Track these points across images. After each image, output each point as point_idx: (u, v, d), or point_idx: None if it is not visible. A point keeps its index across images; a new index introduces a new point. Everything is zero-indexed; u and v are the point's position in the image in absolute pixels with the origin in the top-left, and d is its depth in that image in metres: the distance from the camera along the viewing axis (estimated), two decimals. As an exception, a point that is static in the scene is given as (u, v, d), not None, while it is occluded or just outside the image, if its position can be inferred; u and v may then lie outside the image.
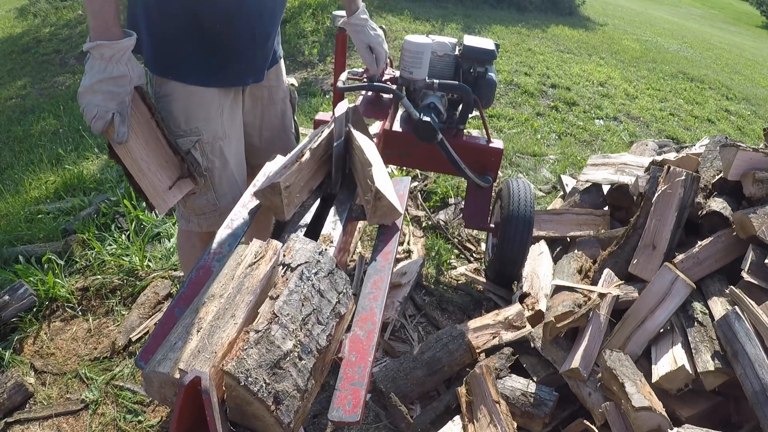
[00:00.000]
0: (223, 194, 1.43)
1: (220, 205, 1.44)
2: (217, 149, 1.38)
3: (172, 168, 1.27)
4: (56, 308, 2.07)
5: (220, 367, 0.71)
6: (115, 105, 1.09)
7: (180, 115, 1.32)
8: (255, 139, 1.60)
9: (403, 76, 1.88)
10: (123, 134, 1.11)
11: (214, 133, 1.36)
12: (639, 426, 1.40)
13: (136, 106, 1.17)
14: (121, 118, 1.10)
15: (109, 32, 1.07)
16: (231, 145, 1.42)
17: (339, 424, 0.78)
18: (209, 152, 1.36)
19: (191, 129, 1.33)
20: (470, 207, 2.17)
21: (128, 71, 1.11)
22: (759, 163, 1.76)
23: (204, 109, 1.33)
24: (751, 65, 8.30)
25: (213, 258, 1.08)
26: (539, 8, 9.03)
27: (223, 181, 1.42)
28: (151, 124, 1.21)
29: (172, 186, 1.26)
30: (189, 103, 1.31)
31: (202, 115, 1.33)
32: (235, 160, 1.45)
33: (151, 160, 1.21)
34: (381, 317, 0.95)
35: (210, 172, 1.38)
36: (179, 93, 1.30)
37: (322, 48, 5.37)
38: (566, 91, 5.02)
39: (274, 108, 1.59)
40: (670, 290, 1.61)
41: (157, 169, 1.22)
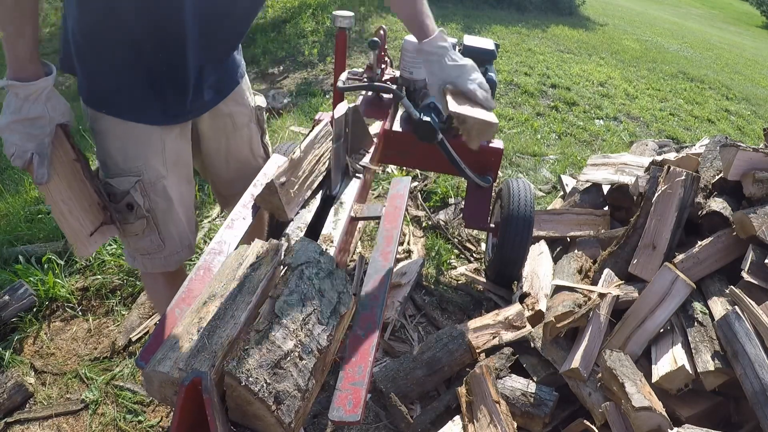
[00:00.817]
0: (168, 236, 1.32)
1: (166, 247, 1.33)
2: (160, 189, 1.27)
3: (95, 213, 1.19)
4: (56, 308, 2.07)
5: (220, 366, 0.71)
6: (33, 146, 1.02)
7: (117, 154, 1.21)
8: (222, 171, 1.50)
9: (403, 76, 1.88)
10: (42, 176, 1.04)
11: (156, 172, 1.25)
12: (639, 426, 1.40)
13: (60, 145, 1.10)
14: (40, 159, 1.03)
15: (25, 71, 0.99)
16: (175, 183, 1.30)
17: (339, 423, 0.78)
18: (151, 192, 1.25)
19: (130, 168, 1.22)
20: (470, 207, 2.17)
21: (46, 112, 1.03)
22: (759, 163, 1.76)
23: (143, 147, 1.22)
24: (751, 65, 8.30)
25: (213, 258, 1.08)
26: (539, 8, 9.03)
27: (168, 223, 1.31)
28: (75, 167, 1.14)
29: (95, 232, 1.18)
30: (126, 140, 1.21)
31: (141, 154, 1.22)
32: (181, 199, 1.33)
33: (74, 203, 1.14)
34: (381, 317, 0.95)
35: (153, 213, 1.27)
36: (116, 129, 1.20)
37: (322, 48, 5.37)
38: (566, 91, 5.02)
39: (239, 135, 1.47)
40: (670, 290, 1.61)
41: (79, 213, 1.15)
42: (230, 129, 1.44)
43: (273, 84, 4.66)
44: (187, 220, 1.37)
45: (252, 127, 1.50)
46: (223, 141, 1.44)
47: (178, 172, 1.31)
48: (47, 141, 1.04)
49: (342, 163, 1.39)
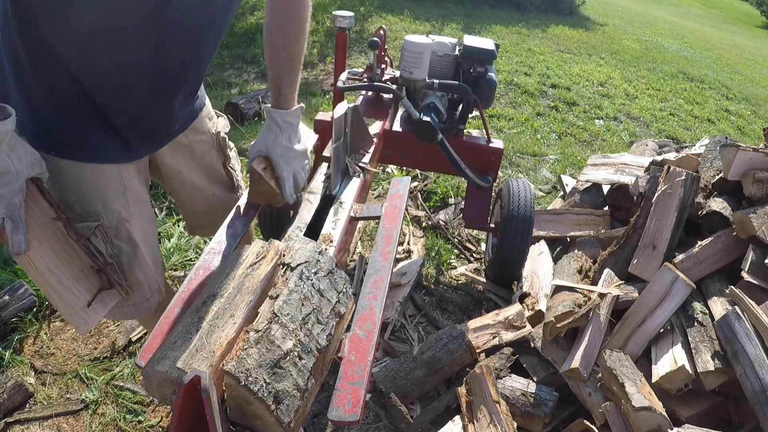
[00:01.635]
0: (135, 283, 1.20)
1: (134, 295, 1.21)
2: (123, 233, 1.15)
3: (90, 278, 1.04)
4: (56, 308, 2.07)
5: (219, 366, 0.71)
6: (2, 209, 0.84)
7: (72, 197, 1.08)
8: (187, 202, 1.41)
9: (403, 76, 1.88)
10: (19, 244, 0.87)
11: (117, 215, 1.13)
12: (639, 426, 1.40)
13: (35, 204, 0.93)
14: (14, 224, 0.86)
15: None
16: (138, 225, 1.19)
17: (339, 423, 0.78)
18: (113, 237, 1.13)
19: (88, 213, 1.09)
20: (470, 207, 2.17)
21: (11, 165, 0.84)
22: (759, 163, 1.76)
23: (101, 190, 1.10)
24: (751, 65, 8.30)
25: (213, 258, 1.08)
26: (539, 8, 9.03)
27: (134, 269, 1.19)
28: (57, 226, 0.97)
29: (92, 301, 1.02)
30: (81, 183, 1.07)
31: (99, 197, 1.10)
32: (145, 239, 1.22)
33: (62, 270, 0.97)
34: (381, 317, 0.95)
35: (117, 259, 1.14)
36: (68, 171, 1.05)
37: (322, 48, 5.37)
38: (566, 91, 5.02)
39: (198, 164, 1.36)
40: (670, 290, 1.61)
41: (71, 281, 0.98)
42: (189, 160, 1.33)
43: (273, 84, 4.65)
44: (154, 262, 1.26)
45: (212, 154, 1.39)
46: (185, 172, 1.34)
47: (140, 212, 1.20)
48: (18, 200, 0.87)
49: (342, 163, 1.39)
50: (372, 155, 1.58)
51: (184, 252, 2.34)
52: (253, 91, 4.19)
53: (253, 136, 3.45)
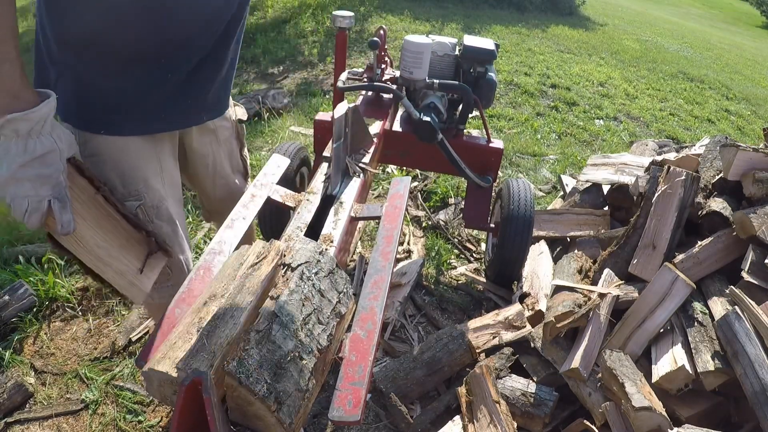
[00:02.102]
0: (175, 263, 1.22)
1: (174, 275, 1.24)
2: (164, 212, 1.17)
3: (136, 246, 1.06)
4: (56, 308, 2.07)
5: (220, 366, 0.71)
6: (48, 190, 0.85)
7: (115, 177, 1.10)
8: (209, 187, 1.44)
9: (403, 76, 1.88)
10: (68, 223, 0.87)
11: (158, 193, 1.15)
12: (639, 426, 1.40)
13: (75, 183, 0.95)
14: (61, 204, 0.86)
15: (20, 99, 0.81)
16: (174, 205, 1.22)
17: (339, 423, 0.78)
18: (155, 217, 1.15)
19: (130, 192, 1.11)
20: (470, 207, 2.17)
21: (56, 144, 0.86)
22: (759, 163, 1.76)
23: (142, 169, 1.12)
24: (751, 65, 8.31)
25: (213, 258, 1.08)
26: (539, 8, 9.03)
27: (174, 248, 1.21)
28: (98, 200, 0.99)
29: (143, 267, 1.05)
30: (123, 161, 1.10)
31: (140, 175, 1.12)
32: (182, 220, 1.26)
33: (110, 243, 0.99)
34: (381, 317, 0.95)
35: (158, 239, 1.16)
36: (109, 150, 1.08)
37: (322, 48, 5.37)
38: (566, 91, 5.02)
39: (222, 150, 1.40)
40: (670, 290, 1.61)
41: (119, 252, 1.01)
42: (215, 145, 1.36)
43: (273, 84, 4.66)
44: (188, 241, 1.31)
45: (233, 141, 1.43)
46: (210, 157, 1.37)
47: (175, 194, 1.23)
48: (63, 180, 0.88)
49: (342, 163, 1.39)
50: (372, 155, 1.58)
51: (184, 252, 2.34)
52: (253, 91, 4.19)
53: (252, 136, 3.46)
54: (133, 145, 1.11)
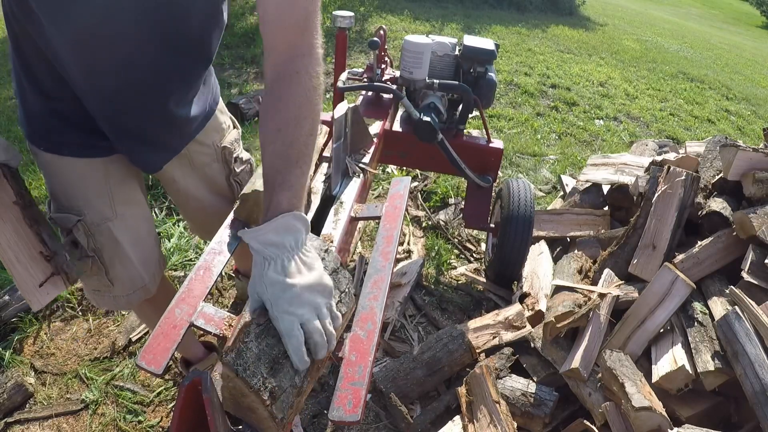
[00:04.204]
0: (116, 277, 1.23)
1: (115, 288, 1.24)
2: (105, 231, 1.17)
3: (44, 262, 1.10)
4: (56, 308, 2.07)
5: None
6: None
7: (58, 191, 1.13)
8: (184, 209, 1.44)
9: (403, 76, 1.88)
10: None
11: (100, 213, 1.15)
12: (639, 426, 1.40)
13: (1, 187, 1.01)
14: None
15: None
16: (125, 224, 1.20)
17: (339, 423, 0.78)
18: (96, 234, 1.16)
19: (71, 206, 1.13)
20: (470, 207, 2.17)
21: None
22: (759, 163, 1.76)
23: (83, 188, 1.13)
24: (751, 65, 8.31)
25: (213, 258, 1.08)
26: (539, 8, 9.03)
27: (116, 264, 1.21)
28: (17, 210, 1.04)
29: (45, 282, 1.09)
30: (65, 178, 1.12)
31: (81, 194, 1.13)
32: (132, 239, 1.23)
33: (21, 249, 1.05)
34: (381, 317, 0.95)
35: (99, 254, 1.18)
36: (53, 165, 1.11)
37: (322, 48, 5.37)
38: (566, 91, 5.02)
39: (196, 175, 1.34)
40: (670, 290, 1.61)
41: (28, 260, 1.06)
42: (187, 169, 1.32)
43: (273, 84, 4.65)
44: (142, 260, 1.26)
45: (214, 167, 1.36)
46: (180, 181, 1.32)
47: (129, 213, 1.21)
48: None
49: (342, 163, 1.39)
50: (372, 155, 1.58)
51: (184, 252, 2.34)
52: (253, 91, 4.19)
53: (253, 136, 3.45)
54: (75, 164, 1.11)
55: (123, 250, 1.21)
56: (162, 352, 0.86)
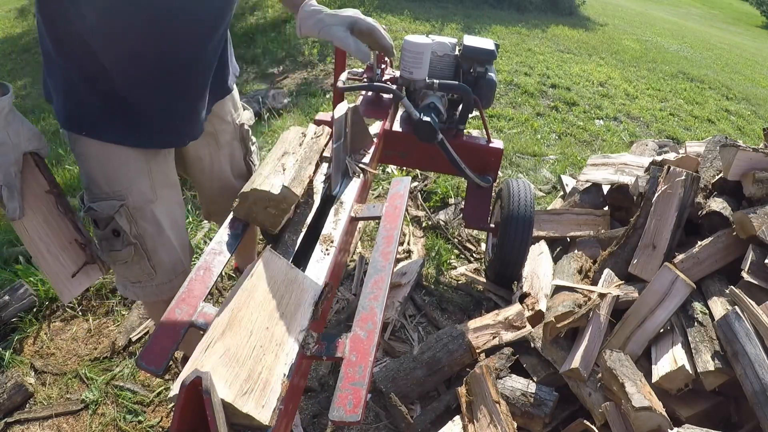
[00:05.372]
0: (159, 263, 1.23)
1: (158, 275, 1.24)
2: (148, 214, 1.17)
3: (77, 251, 1.09)
4: (56, 308, 2.07)
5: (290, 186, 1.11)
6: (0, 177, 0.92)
7: (99, 176, 1.12)
8: (206, 188, 1.45)
9: (403, 76, 1.87)
10: (14, 210, 0.94)
11: (143, 196, 1.16)
12: (639, 426, 1.40)
13: (32, 176, 1.00)
14: (9, 192, 0.93)
15: None
16: (164, 206, 1.21)
17: (339, 423, 0.78)
18: (138, 218, 1.16)
19: (113, 192, 1.12)
20: (470, 207, 2.17)
21: (8, 137, 0.93)
22: (759, 163, 1.76)
23: (126, 171, 1.13)
24: (751, 65, 8.31)
25: (214, 258, 1.08)
26: (539, 8, 9.03)
27: (158, 249, 1.21)
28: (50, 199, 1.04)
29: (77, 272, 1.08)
30: (108, 163, 1.11)
31: (124, 177, 1.13)
32: (171, 222, 1.24)
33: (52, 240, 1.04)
34: (381, 317, 0.95)
35: (141, 240, 1.17)
36: (95, 151, 1.10)
37: (322, 48, 5.37)
38: (566, 91, 5.02)
39: (222, 154, 1.40)
40: (670, 290, 1.61)
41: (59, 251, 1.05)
42: (214, 148, 1.37)
43: (273, 84, 4.66)
44: (181, 245, 1.28)
45: (234, 144, 1.43)
46: (207, 160, 1.37)
47: (167, 195, 1.23)
48: (13, 171, 0.94)
49: (342, 163, 1.39)
50: (372, 155, 1.58)
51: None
52: (253, 91, 4.19)
53: (254, 135, 3.45)
54: (119, 150, 1.11)
55: (164, 233, 1.22)
56: (162, 352, 0.86)
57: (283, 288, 0.92)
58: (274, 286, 0.90)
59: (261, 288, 0.88)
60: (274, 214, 1.16)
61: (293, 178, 1.15)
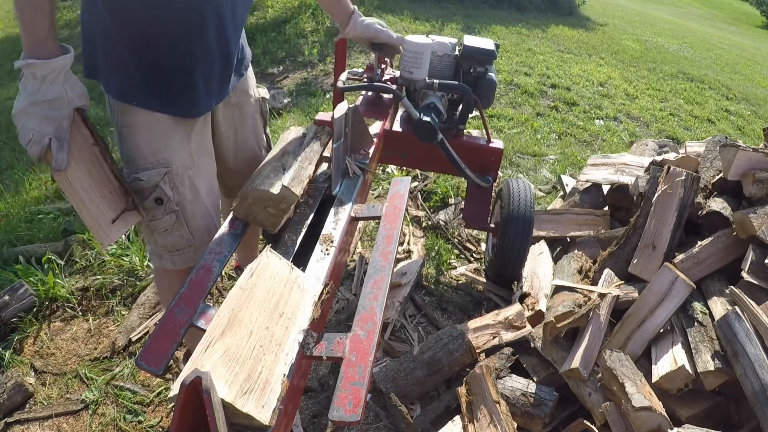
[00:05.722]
0: (196, 228, 1.31)
1: (195, 240, 1.32)
2: (187, 180, 1.26)
3: (116, 199, 1.17)
4: (56, 308, 2.07)
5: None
6: (51, 129, 0.99)
7: (146, 146, 1.21)
8: (230, 161, 1.51)
9: (403, 76, 1.87)
10: (62, 161, 1.02)
11: (183, 163, 1.25)
12: (639, 426, 1.40)
13: (78, 130, 1.08)
14: (59, 144, 1.01)
15: (43, 48, 0.98)
16: (201, 174, 1.31)
17: (339, 423, 0.78)
18: (179, 184, 1.25)
19: (159, 160, 1.21)
20: (470, 207, 2.17)
21: (65, 93, 1.01)
22: (759, 163, 1.76)
23: (170, 139, 1.22)
24: (751, 65, 8.31)
25: (214, 258, 1.08)
26: (539, 8, 9.03)
27: (197, 214, 1.31)
28: (94, 151, 1.12)
29: (116, 219, 1.16)
30: (154, 132, 1.21)
31: (168, 146, 1.22)
32: (207, 189, 1.34)
33: (94, 190, 1.12)
34: (381, 317, 0.95)
35: (182, 206, 1.26)
36: (143, 121, 1.19)
37: (322, 48, 5.37)
38: (566, 91, 5.02)
39: (246, 125, 1.49)
40: (670, 290, 1.61)
41: (99, 200, 1.13)
42: (238, 119, 1.45)
43: (273, 84, 4.66)
44: (216, 211, 1.37)
45: (256, 117, 1.52)
46: (232, 131, 1.45)
47: (204, 163, 1.32)
48: (65, 124, 1.02)
49: (342, 163, 1.40)
50: (372, 155, 1.58)
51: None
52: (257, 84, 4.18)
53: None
54: (163, 117, 1.20)
55: (201, 199, 1.31)
56: (162, 352, 0.86)
57: (283, 288, 0.92)
58: (274, 286, 0.90)
59: (261, 288, 0.88)
60: (273, 213, 1.16)
61: (293, 178, 1.15)
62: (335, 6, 1.57)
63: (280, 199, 1.13)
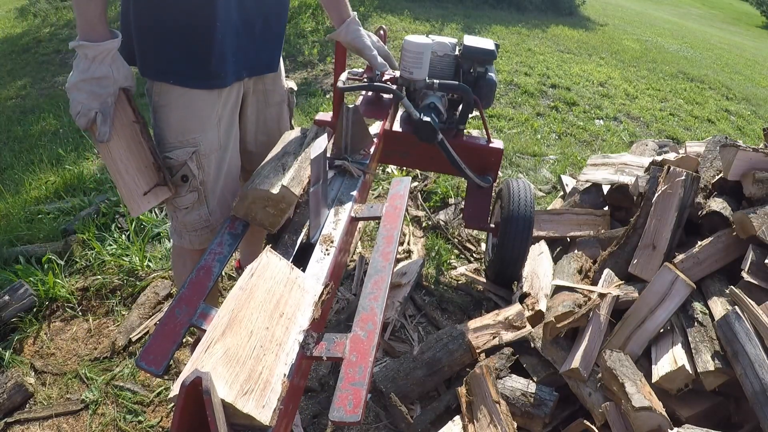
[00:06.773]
0: (214, 209, 1.40)
1: (212, 221, 1.40)
2: (213, 161, 1.34)
3: (150, 174, 1.27)
4: (56, 308, 2.07)
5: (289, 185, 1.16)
6: (97, 104, 1.10)
7: (177, 125, 1.29)
8: (251, 145, 1.56)
9: (403, 76, 1.87)
10: (104, 134, 1.13)
11: (211, 144, 1.33)
12: (639, 426, 1.40)
13: (121, 107, 1.18)
14: (103, 117, 1.11)
15: (94, 32, 1.08)
16: (226, 157, 1.38)
17: (339, 424, 0.78)
18: (205, 164, 1.33)
19: (188, 140, 1.30)
20: (470, 207, 2.17)
21: (111, 72, 1.11)
22: (759, 163, 1.76)
23: (201, 119, 1.30)
24: (751, 65, 8.31)
25: (214, 258, 1.08)
26: (539, 8, 9.03)
27: (216, 195, 1.39)
28: (135, 128, 1.22)
29: (148, 192, 1.26)
30: (187, 111, 1.28)
31: (199, 126, 1.30)
32: (229, 172, 1.41)
33: (130, 163, 1.22)
34: (381, 317, 0.95)
35: (204, 185, 1.35)
36: (178, 101, 1.27)
37: (322, 48, 5.37)
38: (566, 91, 5.02)
39: (270, 111, 1.55)
40: (670, 290, 1.61)
41: (135, 172, 1.23)
42: (262, 104, 1.51)
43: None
44: (234, 192, 1.44)
45: (283, 107, 1.58)
46: (255, 115, 1.51)
47: (230, 147, 1.39)
48: (110, 101, 1.12)
49: (322, 207, 1.28)
50: (372, 155, 1.58)
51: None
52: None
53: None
54: (197, 97, 1.27)
55: (221, 180, 1.38)
56: (162, 352, 0.86)
57: (284, 288, 0.92)
58: (274, 286, 0.90)
59: (261, 288, 0.88)
60: (273, 213, 1.16)
61: (292, 178, 1.15)
62: (333, 8, 1.61)
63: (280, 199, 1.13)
